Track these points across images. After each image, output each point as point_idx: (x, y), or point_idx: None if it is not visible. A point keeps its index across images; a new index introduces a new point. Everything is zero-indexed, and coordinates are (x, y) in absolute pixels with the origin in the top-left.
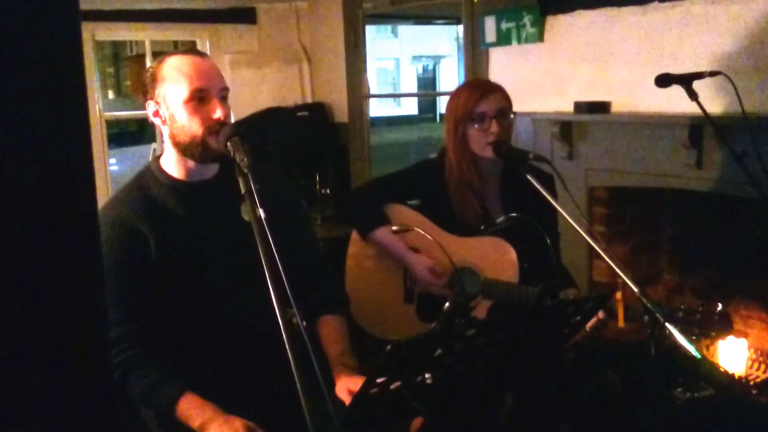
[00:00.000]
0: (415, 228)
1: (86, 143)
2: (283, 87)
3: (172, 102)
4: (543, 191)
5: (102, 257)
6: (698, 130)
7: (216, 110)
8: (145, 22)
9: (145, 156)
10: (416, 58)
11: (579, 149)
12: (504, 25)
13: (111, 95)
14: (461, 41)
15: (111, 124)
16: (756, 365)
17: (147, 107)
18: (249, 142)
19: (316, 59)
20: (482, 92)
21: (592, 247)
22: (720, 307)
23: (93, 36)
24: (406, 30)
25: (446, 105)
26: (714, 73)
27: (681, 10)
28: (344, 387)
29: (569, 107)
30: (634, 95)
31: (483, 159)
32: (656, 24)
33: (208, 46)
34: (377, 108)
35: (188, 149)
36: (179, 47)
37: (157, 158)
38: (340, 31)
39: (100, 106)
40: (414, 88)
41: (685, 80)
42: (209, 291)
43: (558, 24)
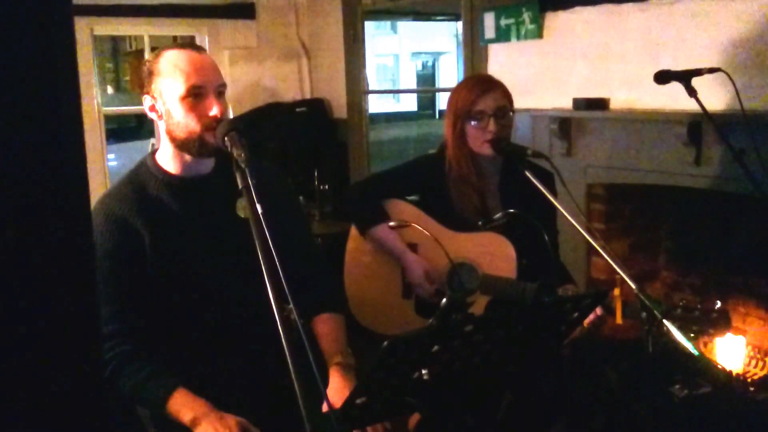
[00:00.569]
0: (413, 224)
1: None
2: (282, 83)
3: (169, 98)
4: (541, 188)
5: (95, 254)
6: (697, 127)
7: (212, 107)
8: (144, 17)
9: (144, 151)
10: (415, 55)
11: (577, 146)
12: (503, 22)
13: (110, 90)
14: (461, 38)
15: (110, 119)
16: (754, 362)
17: (143, 101)
18: (246, 138)
19: (315, 55)
20: (482, 90)
21: (591, 244)
22: (718, 305)
23: (92, 30)
24: (406, 26)
25: (447, 100)
26: (713, 70)
27: (680, 7)
28: (329, 396)
29: (568, 104)
30: (633, 92)
31: (482, 155)
32: (655, 20)
33: (207, 42)
34: (376, 104)
35: (185, 145)
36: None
37: (153, 153)
38: (340, 27)
39: (99, 101)
40: (413, 85)
41: (684, 77)
42: (203, 287)
43: (557, 20)
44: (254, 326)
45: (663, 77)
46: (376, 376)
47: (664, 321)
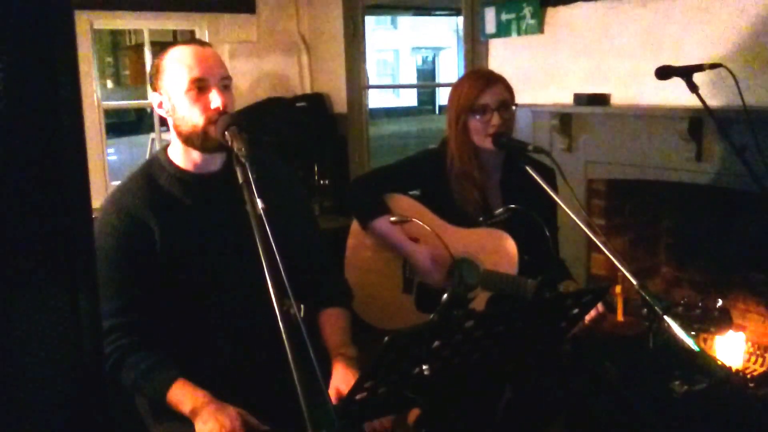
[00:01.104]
0: (414, 219)
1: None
2: (282, 77)
3: (174, 93)
4: (542, 183)
5: (95, 249)
6: (698, 123)
7: (214, 99)
8: (144, 11)
9: (144, 145)
10: (416, 50)
11: (578, 141)
12: (504, 17)
13: (110, 84)
14: (461, 32)
15: (109, 114)
16: (753, 359)
17: (153, 98)
18: (247, 132)
19: (316, 49)
20: (485, 84)
21: (591, 240)
22: (720, 303)
23: (91, 24)
24: (406, 21)
25: (449, 95)
26: (714, 66)
27: (682, 2)
28: (333, 385)
29: (569, 99)
30: (634, 87)
31: (484, 150)
32: (657, 16)
33: (207, 36)
34: (376, 99)
35: (190, 139)
36: (178, 37)
37: (165, 148)
38: (340, 22)
39: (99, 96)
40: (413, 80)
41: (686, 72)
42: (212, 281)
43: (558, 15)
44: (260, 320)
45: (664, 73)
46: (377, 371)
47: (665, 317)
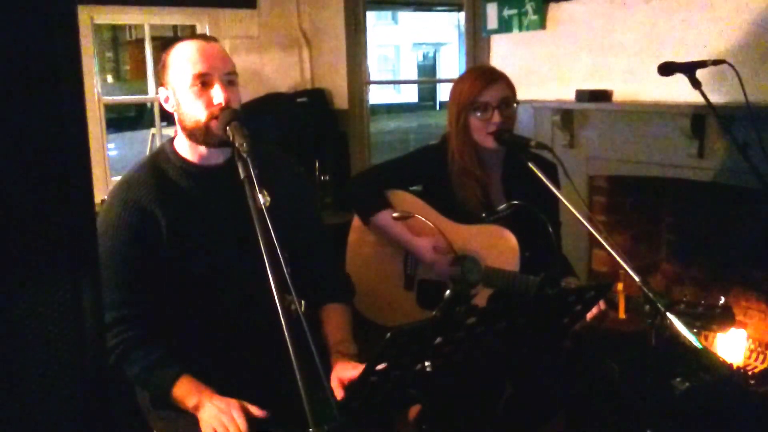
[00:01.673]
0: (416, 215)
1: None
2: (283, 72)
3: (178, 88)
4: (545, 179)
5: (97, 242)
6: (700, 120)
7: (218, 95)
8: (145, 6)
9: (144, 140)
10: (416, 45)
11: (580, 138)
12: (506, 12)
13: (110, 79)
14: (462, 28)
15: (110, 109)
16: (754, 356)
17: (159, 94)
18: (249, 127)
19: (317, 45)
20: (486, 81)
21: (592, 237)
22: (722, 300)
23: (92, 19)
24: (407, 16)
25: (450, 91)
26: (718, 62)
27: None
28: (335, 375)
29: (571, 95)
30: (637, 84)
31: (485, 147)
32: (659, 12)
33: (208, 31)
34: (377, 95)
35: (193, 134)
36: (179, 32)
37: (172, 140)
38: (341, 17)
39: (99, 91)
40: (414, 76)
41: (689, 69)
42: (217, 274)
43: (560, 11)
44: (263, 315)
45: (667, 69)
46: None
47: (668, 314)
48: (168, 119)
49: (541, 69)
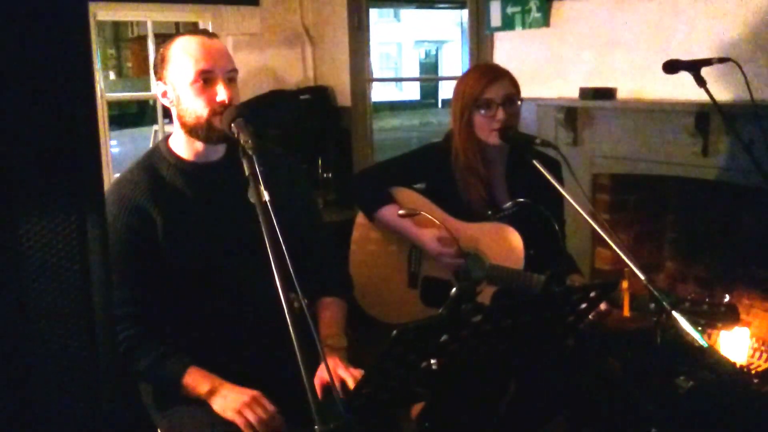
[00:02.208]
0: (422, 212)
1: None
2: (286, 69)
3: (179, 83)
4: (550, 177)
5: (108, 236)
6: (705, 118)
7: (220, 92)
8: (148, 3)
9: (146, 137)
10: (418, 43)
11: (583, 136)
12: (509, 10)
13: (112, 76)
14: (464, 26)
15: (112, 106)
16: (758, 354)
17: (156, 88)
18: (253, 124)
19: (319, 42)
20: (490, 78)
21: (595, 235)
22: (727, 298)
23: (94, 16)
24: (409, 14)
25: (454, 89)
26: (723, 60)
27: None
28: (318, 374)
29: (574, 93)
30: (641, 82)
31: (488, 145)
32: (664, 9)
33: (211, 28)
34: (379, 93)
35: (194, 130)
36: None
37: (166, 138)
38: (344, 14)
39: (102, 87)
40: (416, 73)
41: (694, 67)
42: (214, 271)
43: (564, 9)
44: (263, 312)
45: (672, 67)
46: (384, 365)
47: (674, 312)
48: (170, 116)
49: (545, 67)
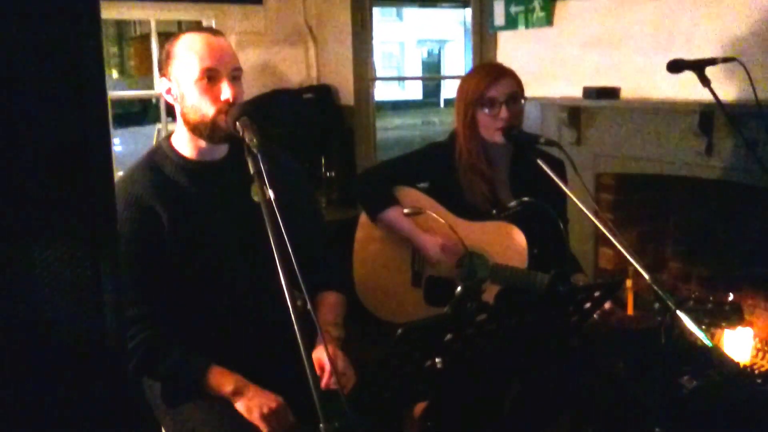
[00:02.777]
0: (427, 211)
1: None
2: (289, 68)
3: (183, 81)
4: (554, 176)
5: (118, 236)
6: (709, 117)
7: (225, 91)
8: (151, 1)
9: (149, 136)
10: (421, 42)
11: (587, 135)
12: (513, 9)
13: (115, 75)
14: (467, 25)
15: (115, 104)
16: (761, 354)
17: (161, 84)
18: (257, 123)
19: (323, 41)
20: (493, 77)
21: (598, 234)
22: (731, 297)
23: None
24: (411, 13)
25: (457, 88)
26: (728, 60)
27: None
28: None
29: (578, 93)
30: (645, 81)
31: (492, 143)
32: (668, 8)
33: (214, 26)
34: (381, 92)
35: (198, 128)
36: (184, 27)
37: (168, 136)
38: (347, 13)
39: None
40: (418, 72)
41: (698, 66)
42: (218, 269)
43: (568, 8)
44: (266, 310)
45: (676, 66)
46: (389, 363)
47: (678, 312)
48: (173, 115)
49: (549, 66)
